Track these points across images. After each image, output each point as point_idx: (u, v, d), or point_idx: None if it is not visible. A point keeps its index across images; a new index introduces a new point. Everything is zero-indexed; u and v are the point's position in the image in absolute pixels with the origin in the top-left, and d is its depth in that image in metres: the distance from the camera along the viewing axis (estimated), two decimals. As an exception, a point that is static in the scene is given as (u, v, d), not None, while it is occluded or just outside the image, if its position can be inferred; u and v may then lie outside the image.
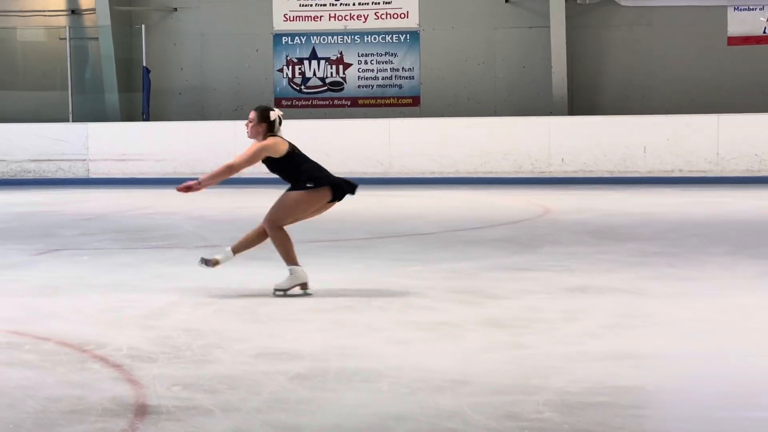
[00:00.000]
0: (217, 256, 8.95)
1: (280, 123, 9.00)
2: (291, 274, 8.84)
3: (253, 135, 8.98)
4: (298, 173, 8.89)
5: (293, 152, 8.94)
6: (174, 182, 9.59)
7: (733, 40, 22.90)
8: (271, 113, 8.97)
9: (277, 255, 8.90)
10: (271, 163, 8.95)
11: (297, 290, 8.83)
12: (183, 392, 5.84)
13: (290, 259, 8.86)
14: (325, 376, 6.17)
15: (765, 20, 22.69)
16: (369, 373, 6.20)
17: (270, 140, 8.90)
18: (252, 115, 8.97)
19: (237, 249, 9.00)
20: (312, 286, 8.92)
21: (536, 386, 5.87)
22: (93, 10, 24.57)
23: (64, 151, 22.54)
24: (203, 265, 8.92)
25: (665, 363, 6.48)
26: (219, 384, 6.00)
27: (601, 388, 5.82)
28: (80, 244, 12.52)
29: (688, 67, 23.07)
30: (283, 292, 8.80)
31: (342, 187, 8.94)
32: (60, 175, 22.52)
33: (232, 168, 8.82)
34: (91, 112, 24.33)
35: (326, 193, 8.90)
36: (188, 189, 8.84)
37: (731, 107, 22.02)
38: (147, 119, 23.57)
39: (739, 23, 22.85)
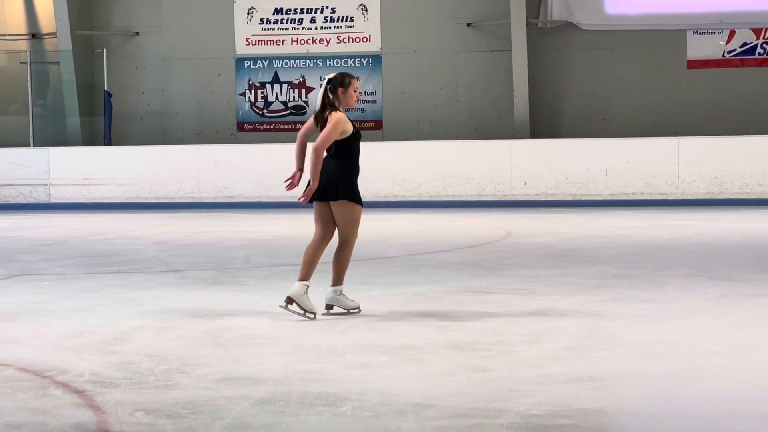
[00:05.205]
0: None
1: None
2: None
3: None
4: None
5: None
6: (136, 207, 9.57)
7: (693, 64, 23.09)
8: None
9: (243, 279, 8.89)
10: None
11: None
12: (145, 418, 5.81)
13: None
14: (287, 400, 6.16)
15: (723, 44, 22.88)
16: (332, 397, 6.20)
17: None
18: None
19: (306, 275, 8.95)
20: (274, 311, 8.92)
21: (499, 409, 5.88)
22: (54, 34, 24.49)
23: (25, 175, 22.44)
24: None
25: (627, 385, 6.51)
26: (182, 409, 5.98)
27: (563, 411, 5.83)
28: (41, 270, 12.45)
29: (649, 90, 23.24)
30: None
31: None
32: (21, 200, 22.39)
33: (316, 150, 8.99)
34: (53, 136, 24.23)
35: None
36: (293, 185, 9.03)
37: (691, 130, 22.22)
38: (109, 144, 23.51)
39: (699, 47, 23.04)
